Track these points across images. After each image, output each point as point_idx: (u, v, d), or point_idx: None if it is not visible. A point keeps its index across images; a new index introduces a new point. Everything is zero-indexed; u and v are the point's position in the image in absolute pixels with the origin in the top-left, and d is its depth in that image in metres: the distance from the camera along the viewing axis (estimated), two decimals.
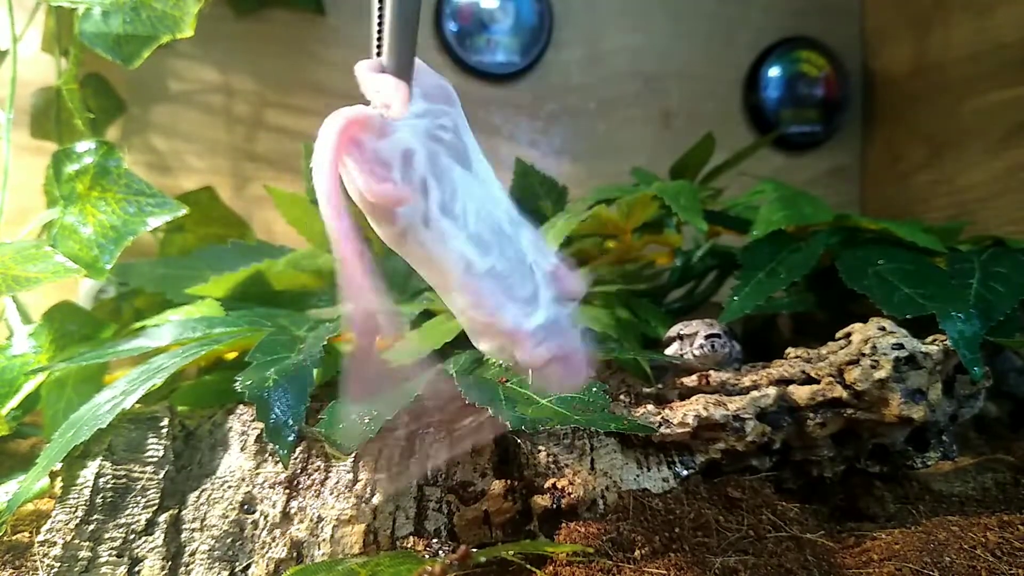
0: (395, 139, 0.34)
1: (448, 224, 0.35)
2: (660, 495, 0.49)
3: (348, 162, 0.33)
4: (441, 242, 0.35)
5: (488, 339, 0.38)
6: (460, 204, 0.36)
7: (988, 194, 1.00)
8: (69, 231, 0.65)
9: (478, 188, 0.37)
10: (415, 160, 0.35)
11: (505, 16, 1.07)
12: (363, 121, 0.33)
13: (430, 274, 0.37)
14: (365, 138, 0.33)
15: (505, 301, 0.37)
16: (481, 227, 0.37)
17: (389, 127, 0.34)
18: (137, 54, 0.68)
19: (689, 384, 0.57)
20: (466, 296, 0.37)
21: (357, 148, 0.33)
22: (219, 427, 0.52)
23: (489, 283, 0.36)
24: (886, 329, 0.55)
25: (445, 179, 0.36)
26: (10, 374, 0.63)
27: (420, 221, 0.35)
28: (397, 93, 0.33)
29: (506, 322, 0.37)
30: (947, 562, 0.42)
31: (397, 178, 0.34)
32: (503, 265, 0.37)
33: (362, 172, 0.33)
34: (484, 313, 0.37)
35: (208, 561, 0.46)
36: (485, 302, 0.37)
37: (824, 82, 1.19)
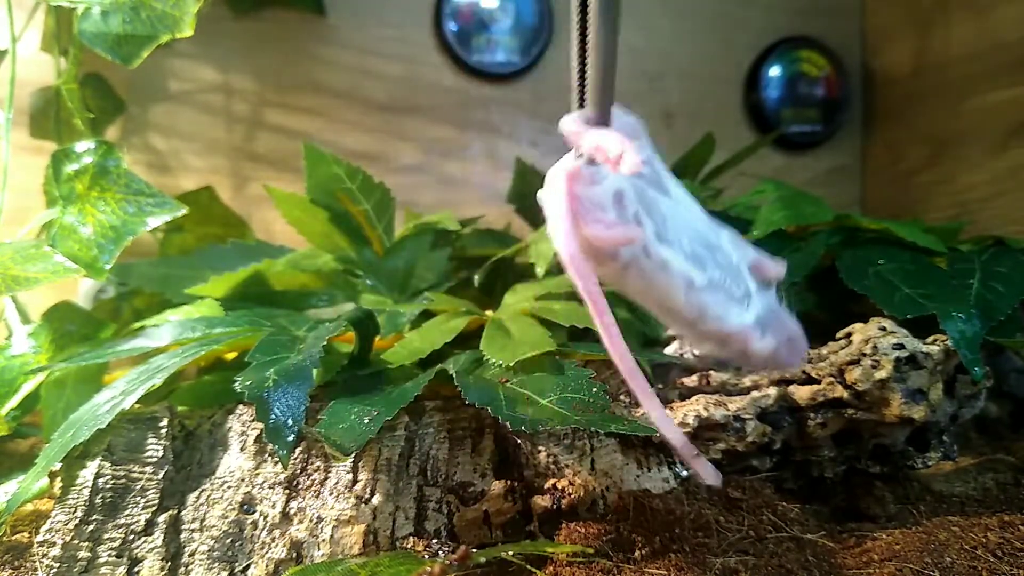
0: (606, 184, 0.36)
1: (666, 250, 0.37)
2: (660, 495, 0.49)
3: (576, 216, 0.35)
4: (663, 269, 0.37)
5: (716, 344, 0.40)
6: (671, 229, 0.38)
7: (988, 194, 1.00)
8: (68, 231, 0.65)
9: (679, 209, 0.39)
10: (626, 199, 0.36)
11: (505, 16, 1.07)
12: (579, 175, 0.35)
13: (652, 299, 0.39)
14: (581, 190, 0.35)
15: (728, 305, 0.39)
16: (693, 244, 0.38)
17: (598, 173, 0.36)
18: (136, 54, 0.67)
19: (689, 384, 0.57)
20: (692, 311, 0.38)
21: (577, 201, 0.35)
22: (219, 427, 0.52)
23: (711, 294, 0.38)
24: (887, 329, 0.55)
25: (654, 210, 0.37)
26: (9, 374, 0.63)
27: (642, 254, 0.36)
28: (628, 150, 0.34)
29: (732, 325, 0.39)
30: (948, 562, 0.42)
31: (614, 219, 0.36)
32: (718, 274, 0.39)
33: (588, 222, 0.35)
34: (712, 322, 0.39)
35: (208, 561, 0.46)
36: (710, 312, 0.38)
37: (824, 82, 1.19)
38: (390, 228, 0.79)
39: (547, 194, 0.35)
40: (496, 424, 0.51)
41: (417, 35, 1.06)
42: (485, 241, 0.86)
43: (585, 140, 0.36)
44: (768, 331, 0.40)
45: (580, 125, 0.36)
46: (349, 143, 1.01)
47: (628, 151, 0.34)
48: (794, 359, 0.42)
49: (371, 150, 1.02)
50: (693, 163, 0.92)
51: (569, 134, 0.36)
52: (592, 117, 0.36)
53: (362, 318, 0.59)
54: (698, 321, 0.39)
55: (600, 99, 0.35)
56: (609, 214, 0.35)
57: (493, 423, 0.52)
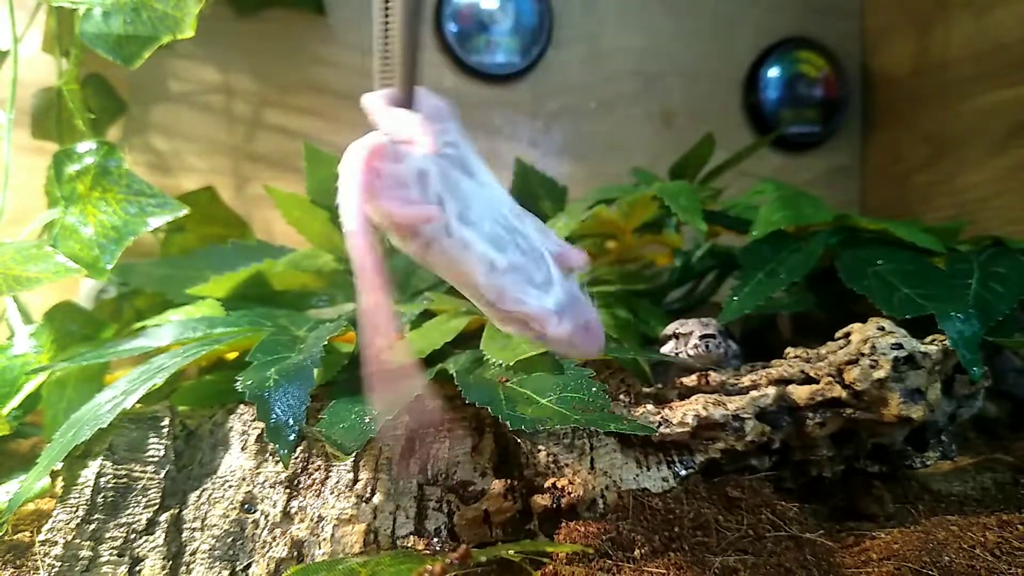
0: (409, 162, 0.37)
1: (468, 231, 0.38)
2: (660, 495, 0.49)
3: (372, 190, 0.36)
4: (464, 248, 0.38)
5: (515, 325, 0.42)
6: (474, 211, 0.39)
7: (988, 194, 1.00)
8: (70, 231, 0.65)
9: (484, 192, 0.40)
10: (429, 179, 0.37)
11: (505, 16, 1.07)
12: (380, 151, 0.36)
13: (454, 278, 0.40)
14: (383, 166, 0.36)
15: (527, 288, 0.40)
16: (495, 227, 0.40)
17: (402, 152, 0.37)
18: (137, 54, 0.68)
19: (688, 384, 0.57)
20: (491, 293, 0.40)
21: (378, 177, 0.36)
22: (220, 427, 0.52)
23: (510, 276, 0.40)
24: (885, 329, 0.55)
25: (457, 191, 0.38)
26: (11, 374, 0.63)
27: (442, 233, 0.37)
28: (425, 131, 0.36)
29: (531, 307, 0.40)
30: (946, 562, 0.42)
31: (415, 197, 0.37)
32: (519, 258, 0.40)
33: (388, 198, 0.36)
34: (510, 304, 0.40)
35: (209, 560, 0.46)
36: (509, 294, 0.40)
37: (824, 82, 1.19)
38: None
39: (343, 167, 0.35)
40: (496, 423, 0.51)
41: None
42: None
43: (384, 119, 0.37)
44: (566, 317, 0.41)
45: (382, 104, 0.37)
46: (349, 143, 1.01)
47: (424, 133, 0.35)
48: (590, 345, 0.43)
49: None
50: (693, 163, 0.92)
51: (371, 112, 0.37)
52: (396, 97, 0.37)
53: None
54: (498, 301, 0.40)
55: (404, 80, 0.37)
56: (411, 192, 0.36)
57: (493, 422, 0.52)
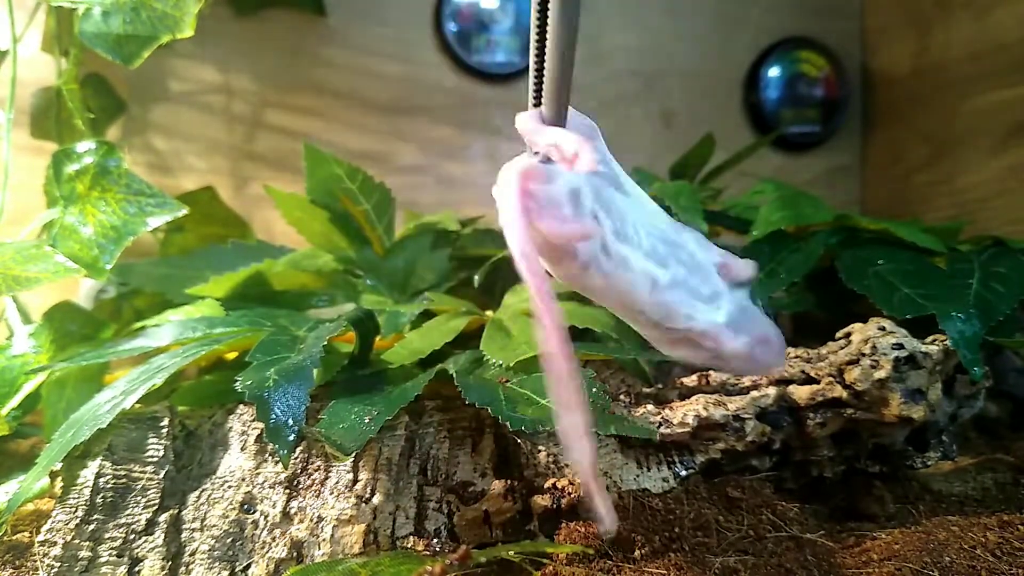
0: (562, 181, 0.35)
1: (626, 248, 0.36)
2: (660, 495, 0.49)
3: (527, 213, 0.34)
4: (624, 267, 0.36)
5: (685, 347, 0.39)
6: (631, 226, 0.37)
7: (988, 194, 1.00)
8: (69, 231, 0.65)
9: (639, 207, 0.39)
10: (583, 197, 0.35)
11: (505, 16, 1.07)
12: (532, 173, 0.35)
13: (614, 301, 0.38)
14: (536, 187, 0.34)
15: (695, 304, 0.38)
16: (654, 242, 0.38)
17: (553, 171, 0.35)
18: (137, 54, 0.68)
19: (689, 384, 0.57)
20: (658, 311, 0.37)
21: (531, 198, 0.34)
22: (219, 427, 0.52)
23: (675, 293, 0.37)
24: (886, 329, 0.55)
25: (612, 208, 0.37)
26: (10, 374, 0.63)
27: (600, 252, 0.36)
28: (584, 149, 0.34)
29: (701, 324, 0.38)
30: (947, 562, 0.42)
31: (570, 216, 0.35)
32: (682, 272, 0.38)
33: (543, 218, 0.34)
34: (679, 322, 0.38)
35: (208, 561, 0.46)
36: (677, 311, 0.38)
37: (824, 82, 1.19)
38: (390, 228, 0.79)
39: (500, 191, 0.34)
40: (496, 424, 0.51)
41: (417, 35, 1.06)
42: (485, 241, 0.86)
43: (541, 138, 0.36)
44: (741, 331, 0.39)
45: (536, 123, 0.36)
46: (349, 143, 1.01)
47: (584, 150, 0.34)
48: (771, 359, 0.41)
49: (371, 150, 1.02)
50: (693, 163, 0.92)
51: (525, 132, 0.36)
52: (548, 116, 0.36)
53: (362, 318, 0.60)
54: (665, 320, 0.38)
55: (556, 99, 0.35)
56: (565, 211, 0.35)
57: (493, 423, 0.52)
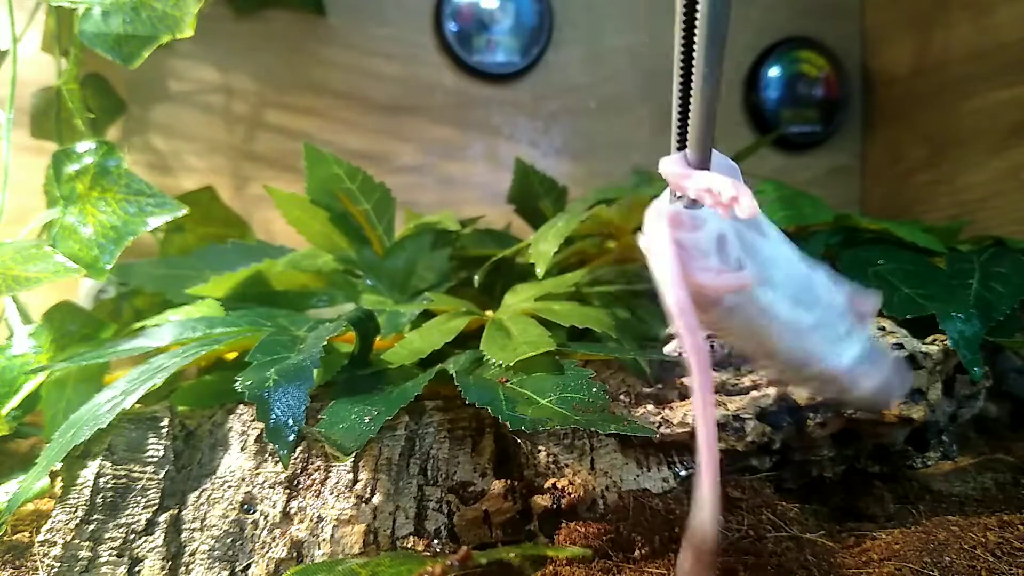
0: (708, 228, 0.34)
1: (770, 293, 0.36)
2: (660, 495, 0.49)
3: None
4: (768, 314, 0.36)
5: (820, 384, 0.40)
6: (774, 272, 0.36)
7: (988, 194, 1.00)
8: (69, 231, 0.65)
9: (778, 250, 0.38)
10: (728, 243, 0.35)
11: (505, 16, 1.07)
12: (678, 220, 0.34)
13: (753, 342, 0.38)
14: (683, 236, 0.34)
15: (833, 344, 0.38)
16: (795, 287, 0.37)
17: (699, 218, 0.34)
18: (137, 54, 0.68)
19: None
20: (796, 356, 0.37)
21: (681, 248, 0.33)
22: (219, 427, 0.52)
23: (815, 336, 0.37)
24: (886, 329, 0.55)
25: (756, 253, 0.36)
26: (10, 374, 0.63)
27: (748, 299, 0.35)
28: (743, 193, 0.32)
29: (838, 364, 0.38)
30: (947, 562, 0.42)
31: (719, 265, 0.34)
32: (823, 314, 0.38)
33: (695, 270, 0.33)
34: (816, 363, 0.38)
35: (208, 561, 0.46)
36: (816, 353, 0.38)
37: (824, 82, 1.19)
38: (390, 228, 0.79)
39: (650, 240, 0.33)
40: (496, 424, 0.51)
41: (417, 35, 1.06)
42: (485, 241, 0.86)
43: (693, 183, 0.33)
44: (874, 369, 0.39)
45: (684, 167, 0.34)
46: (349, 143, 1.01)
47: (744, 194, 0.32)
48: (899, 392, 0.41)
49: (371, 150, 1.02)
50: None
51: (672, 176, 0.34)
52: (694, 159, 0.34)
53: (362, 318, 0.60)
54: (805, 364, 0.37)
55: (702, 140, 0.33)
56: (712, 260, 0.34)
57: (493, 423, 0.52)
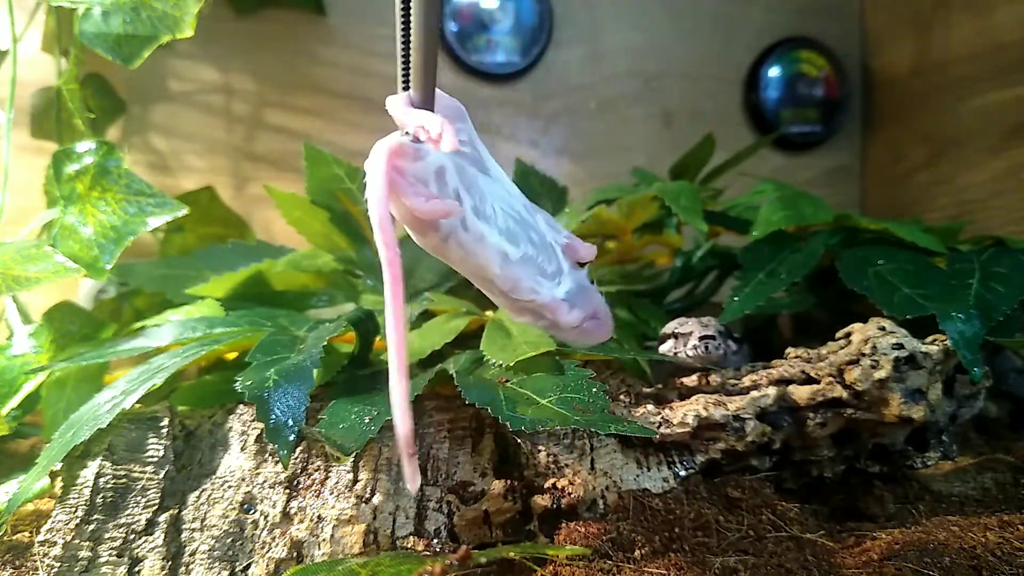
0: (429, 160, 0.39)
1: (483, 225, 0.40)
2: (660, 495, 0.49)
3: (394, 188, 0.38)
4: (480, 242, 0.40)
5: (529, 315, 0.44)
6: (489, 205, 0.41)
7: (988, 194, 1.00)
8: (69, 231, 0.65)
9: (497, 187, 0.42)
10: (447, 175, 0.39)
11: (505, 16, 1.07)
12: (400, 150, 0.38)
13: (470, 270, 0.42)
14: (404, 164, 0.38)
15: (539, 279, 0.42)
16: (508, 221, 0.42)
17: (421, 150, 0.39)
18: (137, 54, 0.68)
19: (689, 384, 0.57)
20: (506, 284, 0.42)
21: (400, 175, 0.38)
22: (219, 427, 0.52)
23: (523, 268, 0.42)
24: (886, 329, 0.55)
25: (473, 187, 0.41)
26: (10, 374, 0.63)
27: (459, 227, 0.40)
28: (447, 130, 0.37)
29: (543, 297, 0.42)
30: (947, 562, 0.42)
31: (435, 193, 0.39)
32: (531, 249, 0.42)
33: (410, 195, 0.38)
34: (524, 294, 0.42)
35: (208, 561, 0.46)
36: (522, 285, 0.42)
37: (824, 82, 1.19)
38: None
39: (369, 165, 0.37)
40: (496, 424, 0.51)
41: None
42: None
43: (409, 119, 0.38)
44: (576, 306, 0.43)
45: (405, 106, 0.39)
46: (349, 143, 1.01)
47: (447, 131, 0.37)
48: (600, 332, 0.45)
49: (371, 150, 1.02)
50: (693, 163, 0.92)
51: (394, 114, 0.39)
52: (416, 99, 0.39)
53: (362, 318, 0.60)
54: (512, 291, 0.42)
55: (423, 82, 0.39)
56: (431, 188, 0.38)
57: (493, 423, 0.52)
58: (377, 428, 0.48)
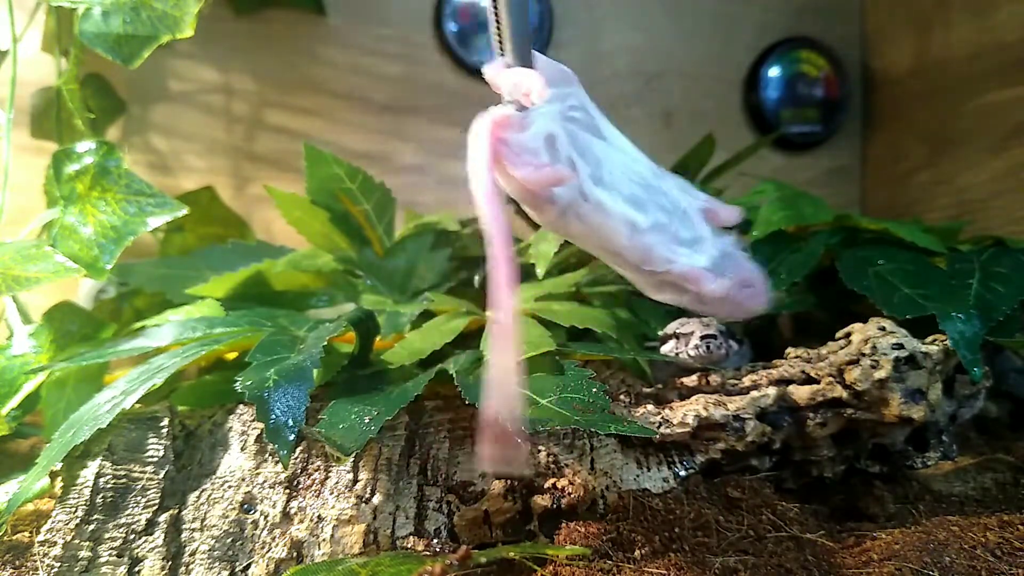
0: (536, 128, 0.36)
1: (603, 193, 0.37)
2: (660, 495, 0.49)
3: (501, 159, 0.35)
4: (602, 211, 0.37)
5: (669, 290, 0.40)
6: (608, 172, 0.38)
7: (988, 194, 1.00)
8: (69, 231, 0.65)
9: (617, 153, 0.39)
10: (558, 143, 0.37)
11: None
12: (505, 121, 0.36)
13: (596, 244, 0.39)
14: (509, 135, 0.36)
15: (674, 247, 0.39)
16: (632, 187, 0.38)
17: (527, 119, 0.36)
18: (137, 54, 0.68)
19: (689, 384, 0.57)
20: (637, 255, 0.38)
21: (506, 146, 0.35)
22: (219, 427, 0.52)
23: (654, 236, 0.38)
24: (886, 329, 0.55)
25: (588, 153, 0.38)
26: (10, 374, 0.63)
27: (578, 197, 0.37)
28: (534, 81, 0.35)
29: (681, 266, 0.39)
30: (947, 562, 0.42)
31: (546, 162, 0.36)
32: (662, 216, 0.39)
33: (517, 165, 0.35)
34: (659, 264, 0.38)
35: (208, 561, 0.46)
36: (656, 254, 0.38)
37: (824, 82, 1.19)
38: (390, 228, 0.79)
39: (471, 140, 0.35)
40: None
41: (417, 35, 1.06)
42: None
43: (502, 80, 0.37)
44: (723, 274, 0.40)
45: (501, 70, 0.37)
46: (349, 143, 1.01)
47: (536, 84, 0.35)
48: (754, 303, 0.41)
49: (371, 150, 1.02)
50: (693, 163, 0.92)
51: (490, 79, 0.37)
52: (512, 62, 0.37)
53: (362, 318, 0.60)
54: (644, 263, 0.38)
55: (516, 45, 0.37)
56: (541, 158, 0.36)
57: None
58: (377, 428, 0.48)
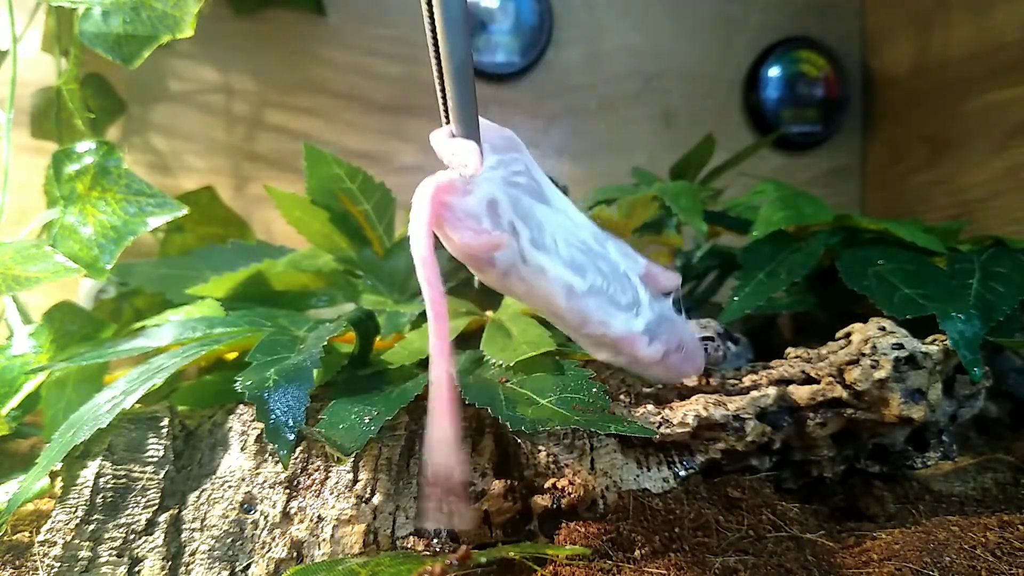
0: (479, 194, 0.37)
1: (543, 257, 0.38)
2: (660, 495, 0.49)
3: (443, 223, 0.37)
4: (541, 274, 0.38)
5: (605, 349, 0.42)
6: (549, 236, 0.39)
7: (988, 194, 1.00)
8: (69, 231, 0.65)
9: (560, 217, 0.40)
10: (500, 208, 0.38)
11: (505, 16, 1.07)
12: (449, 186, 0.37)
13: (536, 305, 0.40)
14: (452, 199, 0.37)
15: (611, 311, 0.40)
16: (572, 251, 0.39)
17: (471, 184, 0.37)
18: (137, 54, 0.68)
19: (689, 384, 0.57)
20: (574, 317, 0.40)
21: (448, 210, 0.37)
22: (219, 427, 0.52)
23: (592, 299, 0.40)
24: (886, 329, 0.55)
25: (530, 218, 0.39)
26: (10, 374, 0.63)
27: (518, 260, 0.38)
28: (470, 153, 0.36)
29: (617, 330, 0.40)
30: (947, 562, 0.42)
31: (488, 227, 0.37)
32: (600, 280, 0.40)
33: (458, 229, 0.37)
34: (595, 328, 0.40)
35: (208, 561, 0.46)
36: (593, 317, 0.40)
37: (824, 82, 1.20)
38: (390, 228, 0.79)
39: (414, 202, 0.37)
40: (496, 424, 0.51)
41: (417, 35, 1.06)
42: None
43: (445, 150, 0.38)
44: (658, 338, 0.41)
45: (443, 139, 0.38)
46: (349, 143, 1.01)
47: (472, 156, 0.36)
48: (688, 367, 0.43)
49: (371, 150, 1.02)
50: (693, 163, 0.92)
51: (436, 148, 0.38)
52: (457, 131, 0.38)
53: (362, 318, 0.60)
54: (582, 325, 0.40)
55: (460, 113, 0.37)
56: (483, 223, 0.37)
57: (493, 423, 0.52)
58: (377, 428, 0.48)
